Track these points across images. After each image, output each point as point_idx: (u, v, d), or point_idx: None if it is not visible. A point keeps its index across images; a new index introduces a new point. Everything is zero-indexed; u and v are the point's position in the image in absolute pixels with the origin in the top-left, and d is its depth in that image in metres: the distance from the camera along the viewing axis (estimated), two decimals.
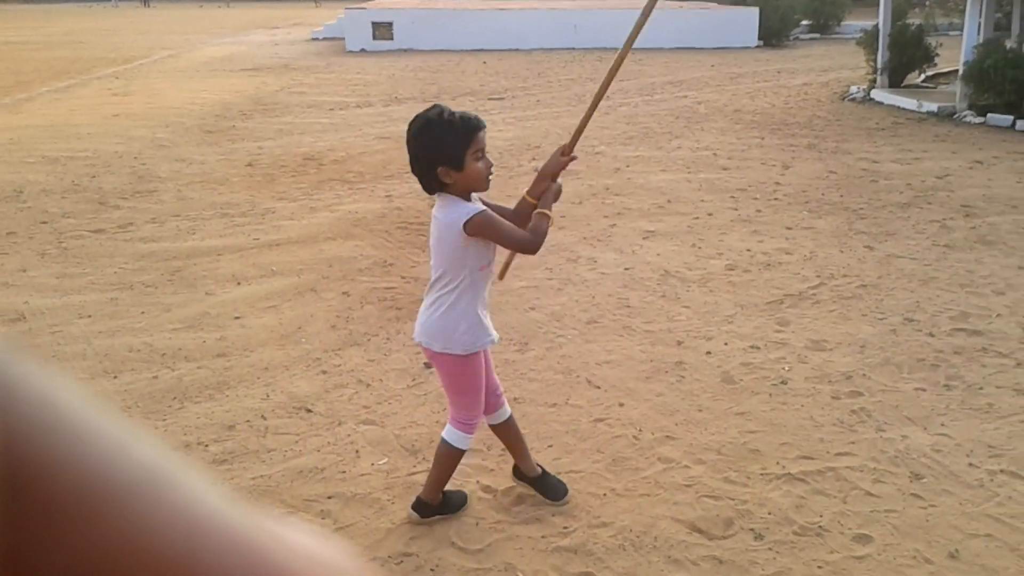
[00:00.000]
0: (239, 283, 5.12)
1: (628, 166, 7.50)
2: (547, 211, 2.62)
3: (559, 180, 2.68)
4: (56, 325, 4.53)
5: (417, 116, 2.50)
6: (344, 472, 3.18)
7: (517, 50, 17.95)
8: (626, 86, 12.32)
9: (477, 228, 2.47)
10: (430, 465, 3.19)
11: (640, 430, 3.41)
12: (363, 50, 18.25)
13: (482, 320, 2.64)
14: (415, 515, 2.88)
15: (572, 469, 3.15)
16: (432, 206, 2.60)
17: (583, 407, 3.59)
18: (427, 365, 4.01)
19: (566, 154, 2.64)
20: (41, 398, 0.30)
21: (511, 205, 2.72)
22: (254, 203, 6.85)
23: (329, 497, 3.02)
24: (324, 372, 4.00)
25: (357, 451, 3.33)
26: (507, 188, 6.91)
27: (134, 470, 0.31)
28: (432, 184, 2.50)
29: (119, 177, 7.65)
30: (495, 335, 2.69)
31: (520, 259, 3.31)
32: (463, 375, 2.68)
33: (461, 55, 17.28)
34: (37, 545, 0.28)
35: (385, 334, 4.38)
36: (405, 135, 2.52)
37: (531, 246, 2.58)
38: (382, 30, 18.18)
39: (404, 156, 7.50)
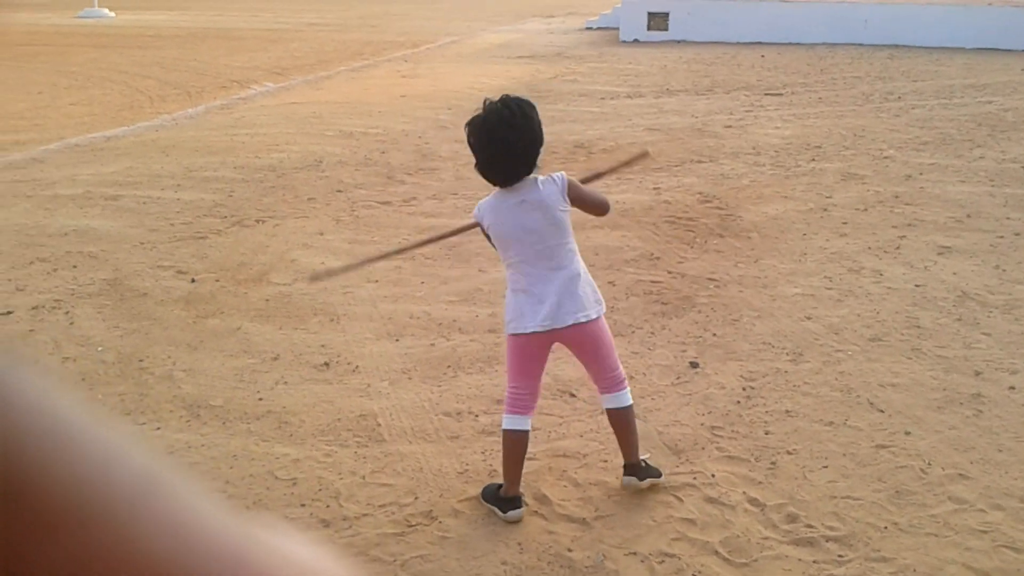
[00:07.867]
0: None
1: (921, 174, 6.89)
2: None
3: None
4: (347, 287, 4.91)
5: (519, 102, 2.64)
6: (606, 461, 3.18)
7: (798, 44, 17.05)
8: (921, 87, 11.35)
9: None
10: (693, 468, 3.12)
11: (929, 463, 3.11)
12: (636, 40, 18.19)
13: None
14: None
15: (849, 495, 2.94)
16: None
17: (863, 430, 3.33)
18: (692, 364, 3.91)
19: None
20: (36, 407, 0.30)
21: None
22: None
23: (592, 484, 3.03)
24: None
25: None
26: (783, 189, 6.60)
27: (127, 479, 0.31)
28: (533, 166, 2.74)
29: (405, 154, 8.16)
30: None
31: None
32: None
33: (737, 48, 16.73)
34: (30, 551, 0.29)
35: (650, 328, 4.33)
36: (516, 122, 2.60)
37: None
38: (657, 20, 17.99)
39: (674, 149, 7.38)
